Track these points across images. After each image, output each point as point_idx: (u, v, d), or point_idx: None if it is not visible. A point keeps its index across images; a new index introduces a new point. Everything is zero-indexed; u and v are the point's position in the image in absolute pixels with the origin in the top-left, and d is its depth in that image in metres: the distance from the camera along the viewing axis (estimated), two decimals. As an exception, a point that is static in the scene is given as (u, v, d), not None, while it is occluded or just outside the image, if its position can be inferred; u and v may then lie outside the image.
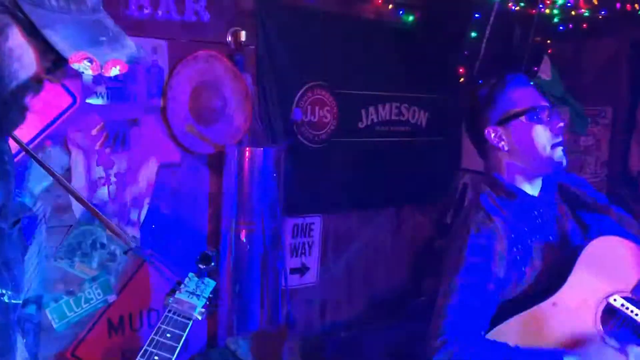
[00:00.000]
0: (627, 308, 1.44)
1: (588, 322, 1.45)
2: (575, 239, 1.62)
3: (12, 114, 0.83)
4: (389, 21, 3.93)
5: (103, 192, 2.85)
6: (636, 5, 3.94)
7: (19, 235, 0.93)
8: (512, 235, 1.55)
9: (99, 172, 2.82)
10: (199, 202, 3.27)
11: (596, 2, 3.87)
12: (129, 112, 2.91)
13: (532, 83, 1.73)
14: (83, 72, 0.77)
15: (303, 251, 3.84)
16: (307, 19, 3.49)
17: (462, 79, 3.75)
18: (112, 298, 2.94)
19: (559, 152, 1.62)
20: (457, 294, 1.49)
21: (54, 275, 2.75)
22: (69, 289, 2.81)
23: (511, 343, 1.43)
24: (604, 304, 1.47)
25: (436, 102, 4.25)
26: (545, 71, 4.35)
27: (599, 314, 1.47)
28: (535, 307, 1.48)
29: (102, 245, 2.86)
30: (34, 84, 0.83)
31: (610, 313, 1.47)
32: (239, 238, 3.13)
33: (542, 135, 1.61)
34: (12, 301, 0.89)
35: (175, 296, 1.15)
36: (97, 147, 2.81)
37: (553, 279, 1.52)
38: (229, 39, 3.20)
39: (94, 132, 2.80)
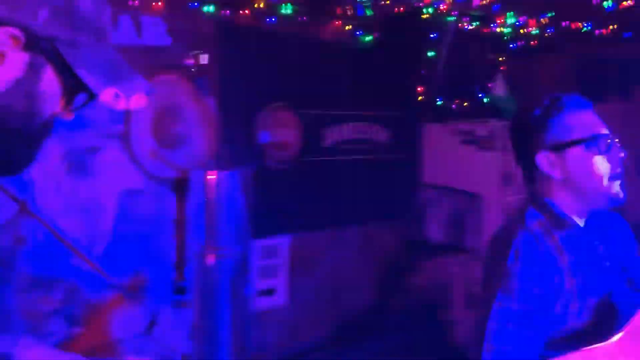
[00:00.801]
0: None
1: None
2: (617, 283, 1.54)
3: (32, 151, 0.84)
4: (348, 42, 3.99)
5: (66, 221, 2.76)
6: (579, 24, 4.14)
7: None
8: (562, 265, 1.47)
9: (60, 200, 2.73)
10: (163, 229, 3.20)
11: (544, 22, 4.03)
12: (90, 138, 2.85)
13: (591, 106, 1.57)
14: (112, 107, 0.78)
15: (271, 273, 3.81)
16: (267, 41, 3.51)
17: (421, 97, 3.83)
18: (77, 330, 2.84)
19: (617, 185, 1.50)
20: (514, 322, 1.39)
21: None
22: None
23: None
24: None
25: (396, 120, 4.32)
26: (499, 87, 4.50)
27: None
28: (591, 349, 1.38)
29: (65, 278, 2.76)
30: (51, 122, 0.84)
31: None
32: (207, 264, 3.08)
33: (601, 167, 1.48)
34: None
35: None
36: (57, 175, 2.73)
37: (605, 319, 1.46)
38: (191, 62, 3.18)
39: (54, 160, 2.72)
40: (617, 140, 1.51)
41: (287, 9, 3.51)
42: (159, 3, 2.97)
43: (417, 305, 4.19)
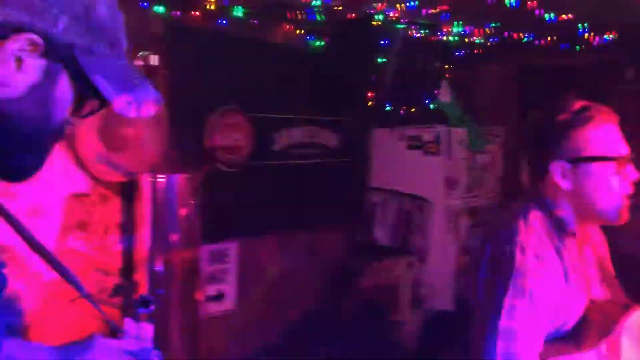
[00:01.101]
0: None
1: None
2: (597, 291, 1.57)
3: (42, 157, 0.84)
4: (299, 46, 4.01)
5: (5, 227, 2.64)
6: (521, 35, 4.30)
7: None
8: (561, 271, 1.48)
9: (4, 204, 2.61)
10: (110, 233, 3.12)
11: (488, 31, 4.17)
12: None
13: (616, 121, 1.51)
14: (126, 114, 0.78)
15: (220, 278, 3.77)
16: (218, 43, 3.48)
17: (370, 102, 3.88)
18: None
19: (624, 207, 1.47)
20: (523, 321, 1.38)
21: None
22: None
23: None
24: None
25: (346, 125, 4.37)
26: (445, 94, 4.62)
27: None
28: (572, 355, 1.44)
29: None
30: (62, 127, 0.84)
31: None
32: (156, 269, 3.02)
33: (614, 186, 1.45)
34: None
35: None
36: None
37: (584, 329, 1.47)
38: (140, 63, 3.11)
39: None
40: (633, 160, 1.48)
41: (238, 12, 3.49)
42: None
43: (365, 307, 4.24)
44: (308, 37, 4.02)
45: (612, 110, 1.51)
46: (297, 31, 3.97)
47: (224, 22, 3.53)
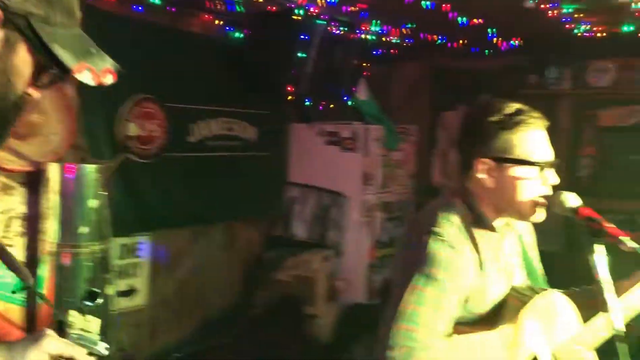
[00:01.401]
0: None
1: None
2: (517, 281, 1.67)
3: (6, 128, 0.87)
4: (217, 37, 3.94)
5: None
6: (436, 37, 4.46)
7: None
8: (476, 260, 1.55)
9: None
10: (13, 226, 2.94)
11: (405, 32, 4.29)
12: None
13: (545, 127, 1.56)
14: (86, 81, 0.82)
15: (132, 273, 3.65)
16: (135, 31, 3.36)
17: (290, 97, 3.89)
18: None
19: (540, 209, 1.54)
20: (427, 304, 1.45)
21: None
22: None
23: None
24: (534, 352, 1.54)
25: (265, 118, 4.35)
26: (362, 92, 4.71)
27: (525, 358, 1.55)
28: (480, 334, 1.52)
29: None
30: (24, 99, 0.86)
31: None
32: (63, 263, 2.88)
33: (532, 190, 1.53)
34: None
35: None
36: None
37: (498, 313, 1.56)
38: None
39: None
40: (556, 166, 1.55)
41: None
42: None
43: (281, 300, 4.26)
44: (227, 28, 3.96)
45: (543, 116, 1.56)
46: (216, 22, 3.90)
47: (140, 8, 3.41)
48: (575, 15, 3.63)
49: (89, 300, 1.14)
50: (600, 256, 1.40)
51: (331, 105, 4.39)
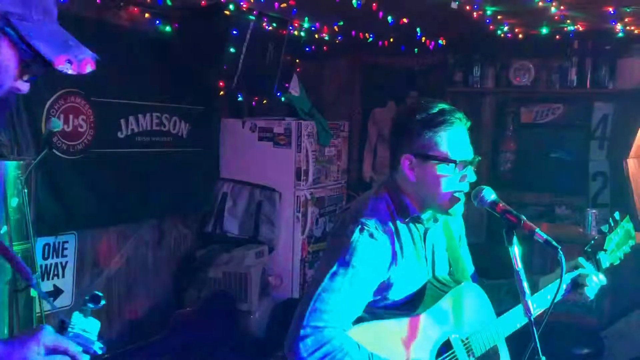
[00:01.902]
0: (457, 350, 1.64)
1: (425, 350, 1.61)
2: (440, 271, 1.75)
3: None
4: (146, 30, 3.85)
5: None
6: (367, 35, 4.55)
7: None
8: (396, 250, 1.62)
9: None
10: None
11: (336, 29, 4.35)
12: None
13: (467, 126, 1.66)
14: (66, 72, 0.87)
15: (56, 273, 3.52)
16: (60, 23, 3.23)
17: (222, 92, 3.86)
18: None
19: (458, 204, 1.64)
20: (340, 289, 1.51)
21: None
22: None
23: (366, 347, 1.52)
24: (445, 339, 1.64)
25: (196, 114, 4.30)
26: (295, 88, 4.74)
27: (437, 345, 1.64)
28: (393, 321, 1.59)
29: None
30: (12, 93, 0.91)
31: (447, 347, 1.65)
32: (-19, 264, 2.75)
33: (449, 185, 1.61)
34: None
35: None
36: None
37: (416, 300, 1.64)
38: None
39: None
40: (475, 163, 1.64)
41: (80, -11, 3.27)
42: None
43: (213, 297, 4.23)
44: (156, 22, 3.88)
45: (465, 116, 1.65)
46: (145, 14, 3.81)
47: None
48: (498, 17, 3.79)
49: (92, 302, 1.18)
50: (516, 247, 1.50)
51: (264, 101, 4.38)
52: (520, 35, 4.36)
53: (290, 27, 4.20)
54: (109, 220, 3.77)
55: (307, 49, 4.88)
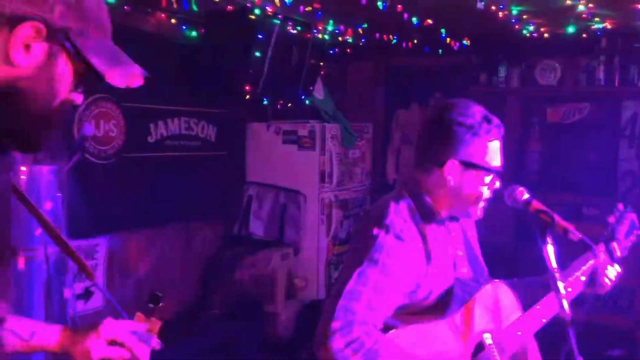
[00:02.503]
0: (491, 349, 1.65)
1: (461, 350, 1.61)
2: (461, 271, 1.75)
3: (51, 130, 0.99)
4: (173, 36, 3.92)
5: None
6: (391, 36, 4.55)
7: None
8: (424, 251, 1.63)
9: None
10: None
11: (360, 32, 4.36)
12: None
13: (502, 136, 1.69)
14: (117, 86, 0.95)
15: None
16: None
17: (248, 96, 3.90)
18: None
19: (481, 208, 1.69)
20: (368, 285, 1.52)
21: None
22: None
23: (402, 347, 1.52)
24: (478, 339, 1.65)
25: (223, 117, 4.35)
26: (319, 91, 4.76)
27: (472, 345, 1.65)
28: (428, 323, 1.60)
29: None
30: (67, 104, 0.99)
31: (480, 347, 1.66)
32: (17, 267, 2.81)
33: (481, 192, 1.66)
34: None
35: None
36: None
37: (445, 302, 1.64)
38: None
39: None
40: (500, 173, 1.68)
41: (109, -3, 3.34)
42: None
43: (240, 299, 4.27)
44: (182, 27, 3.93)
45: (501, 124, 1.68)
46: (171, 20, 3.87)
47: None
48: (524, 17, 3.77)
49: (153, 302, 1.30)
50: (550, 246, 1.50)
51: (288, 104, 4.41)
52: (546, 35, 4.33)
53: (315, 31, 4.23)
54: (138, 223, 3.83)
55: (331, 51, 4.91)
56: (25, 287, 2.83)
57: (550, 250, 1.49)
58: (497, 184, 1.68)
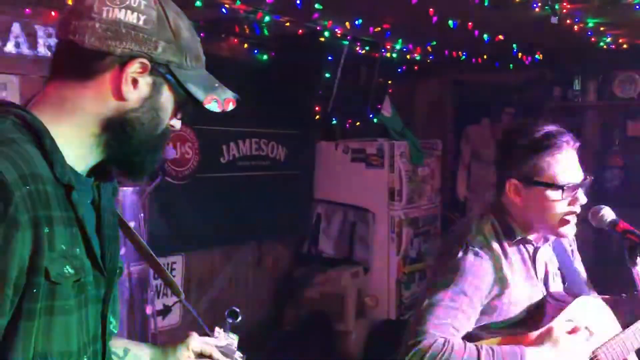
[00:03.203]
0: None
1: None
2: (556, 288, 1.72)
3: (157, 157, 1.07)
4: (245, 60, 4.04)
5: None
6: (460, 53, 4.51)
7: None
8: (504, 269, 1.61)
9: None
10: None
11: (430, 49, 4.35)
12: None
13: (576, 146, 1.63)
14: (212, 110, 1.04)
15: (165, 292, 3.72)
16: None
17: (317, 116, 3.96)
18: None
19: (568, 226, 1.62)
20: (448, 304, 1.53)
21: None
22: None
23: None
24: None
25: (292, 138, 4.43)
26: (387, 108, 4.77)
27: None
28: (513, 335, 1.58)
29: None
30: (169, 130, 1.07)
31: None
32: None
33: (558, 209, 1.59)
34: None
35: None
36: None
37: (535, 318, 1.62)
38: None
39: None
40: (585, 186, 1.61)
41: (186, 24, 3.49)
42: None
43: (310, 317, 4.29)
44: (254, 51, 4.05)
45: (573, 137, 1.62)
46: (244, 45, 4.00)
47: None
48: (600, 29, 3.65)
49: (232, 317, 1.38)
50: (639, 267, 1.44)
51: (357, 123, 4.44)
52: (624, 46, 4.17)
53: (383, 50, 4.25)
54: (213, 241, 3.94)
55: (398, 69, 4.91)
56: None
57: (639, 270, 1.44)
58: (582, 198, 1.60)
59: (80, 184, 0.99)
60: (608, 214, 1.56)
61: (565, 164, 1.60)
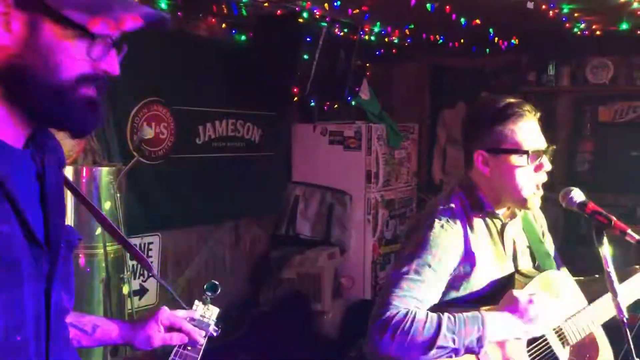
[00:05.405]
0: (550, 338, 1.65)
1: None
2: (524, 265, 1.77)
3: (81, 105, 0.92)
4: (223, 40, 4.00)
5: None
6: (438, 36, 4.53)
7: None
8: (470, 240, 1.65)
9: None
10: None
11: (407, 32, 4.36)
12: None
13: (537, 116, 1.67)
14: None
15: (141, 273, 3.71)
16: (140, 34, 3.41)
17: (295, 98, 3.95)
18: None
19: (534, 196, 1.65)
20: (413, 277, 1.56)
21: None
22: None
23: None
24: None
25: (269, 119, 4.42)
26: (364, 91, 4.78)
27: None
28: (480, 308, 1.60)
29: None
30: (98, 74, 0.93)
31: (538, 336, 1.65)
32: (78, 264, 2.94)
33: (524, 177, 1.63)
34: None
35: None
36: None
37: (501, 292, 1.64)
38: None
39: None
40: (549, 152, 1.66)
41: (162, 3, 3.44)
42: None
43: (287, 297, 4.33)
44: (232, 31, 4.02)
45: (533, 108, 1.67)
46: (222, 25, 3.96)
47: (148, 12, 3.46)
48: (575, 15, 3.70)
49: (211, 291, 1.38)
50: (607, 248, 1.49)
51: (335, 106, 4.45)
52: (597, 32, 4.23)
53: (361, 32, 4.25)
54: (189, 222, 3.93)
55: (377, 52, 4.92)
56: (86, 284, 2.95)
57: (606, 252, 1.48)
58: (547, 165, 1.65)
59: (12, 157, 0.90)
60: (578, 195, 1.59)
61: (528, 130, 1.64)
